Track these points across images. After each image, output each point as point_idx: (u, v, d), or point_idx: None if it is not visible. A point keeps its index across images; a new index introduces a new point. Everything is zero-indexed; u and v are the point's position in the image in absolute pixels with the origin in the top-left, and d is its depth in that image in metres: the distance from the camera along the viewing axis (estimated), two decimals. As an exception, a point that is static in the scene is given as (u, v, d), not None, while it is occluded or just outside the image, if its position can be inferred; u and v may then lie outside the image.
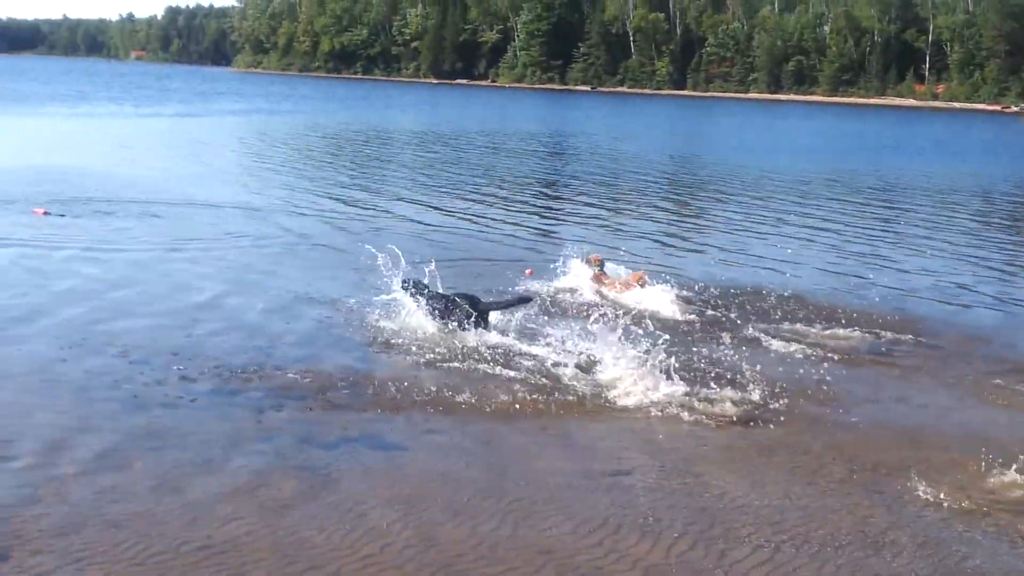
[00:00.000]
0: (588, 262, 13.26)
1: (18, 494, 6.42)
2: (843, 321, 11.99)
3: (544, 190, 26.58)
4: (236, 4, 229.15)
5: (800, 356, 10.56)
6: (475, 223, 19.36)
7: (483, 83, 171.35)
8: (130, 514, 6.22)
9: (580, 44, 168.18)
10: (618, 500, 6.81)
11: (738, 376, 9.44)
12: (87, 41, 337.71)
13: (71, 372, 8.91)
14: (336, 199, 21.87)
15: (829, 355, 10.61)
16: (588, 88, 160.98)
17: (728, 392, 9.01)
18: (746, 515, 6.67)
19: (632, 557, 6.05)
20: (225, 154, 32.82)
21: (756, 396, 8.98)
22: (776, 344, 10.94)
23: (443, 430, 8.01)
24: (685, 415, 8.57)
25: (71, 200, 18.96)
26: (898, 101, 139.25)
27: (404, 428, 8.03)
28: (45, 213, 17.18)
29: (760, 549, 6.22)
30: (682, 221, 21.84)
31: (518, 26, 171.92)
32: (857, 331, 11.64)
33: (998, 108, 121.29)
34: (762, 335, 11.21)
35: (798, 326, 11.75)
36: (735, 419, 8.54)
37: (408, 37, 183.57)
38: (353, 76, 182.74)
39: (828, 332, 11.55)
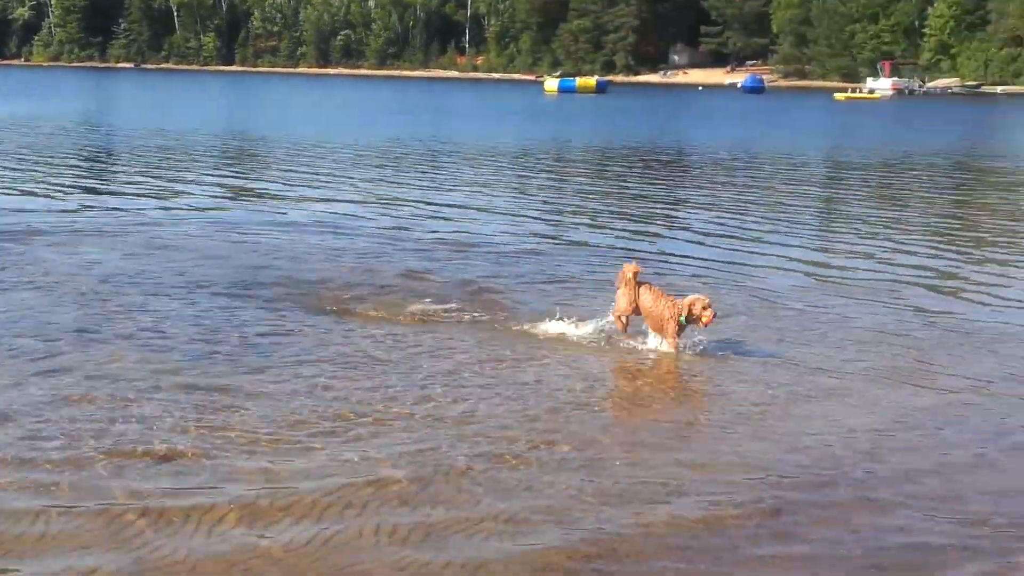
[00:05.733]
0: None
1: None
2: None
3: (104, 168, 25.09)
4: None
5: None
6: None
7: (16, 62, 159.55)
8: None
9: (120, 20, 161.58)
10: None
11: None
12: None
13: None
14: None
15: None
16: (132, 65, 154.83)
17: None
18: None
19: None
20: None
21: None
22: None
23: None
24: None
25: None
26: (441, 73, 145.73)
27: None
28: None
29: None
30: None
31: (52, 1, 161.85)
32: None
33: (532, 77, 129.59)
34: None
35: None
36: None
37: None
38: None
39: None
